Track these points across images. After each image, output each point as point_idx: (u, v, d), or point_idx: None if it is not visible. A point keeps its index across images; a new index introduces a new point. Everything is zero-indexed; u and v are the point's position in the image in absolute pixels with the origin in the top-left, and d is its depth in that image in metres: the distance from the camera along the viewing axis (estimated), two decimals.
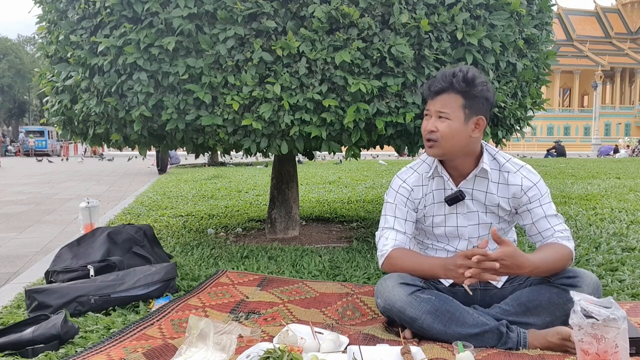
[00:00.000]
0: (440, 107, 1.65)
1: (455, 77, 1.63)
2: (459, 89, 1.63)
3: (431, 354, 1.45)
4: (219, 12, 2.31)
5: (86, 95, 2.66)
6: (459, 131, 1.64)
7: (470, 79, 1.63)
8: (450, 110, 1.64)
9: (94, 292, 1.96)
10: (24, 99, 47.05)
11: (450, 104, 1.64)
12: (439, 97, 1.65)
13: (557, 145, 21.83)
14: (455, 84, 1.63)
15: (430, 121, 1.67)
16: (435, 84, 1.66)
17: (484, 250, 1.45)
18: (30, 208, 5.96)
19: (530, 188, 1.69)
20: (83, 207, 3.27)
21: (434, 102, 1.67)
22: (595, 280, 1.57)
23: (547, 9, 3.09)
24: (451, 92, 1.63)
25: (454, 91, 1.63)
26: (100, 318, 1.87)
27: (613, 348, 1.24)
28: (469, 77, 1.63)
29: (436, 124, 1.65)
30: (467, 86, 1.63)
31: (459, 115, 1.64)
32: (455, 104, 1.64)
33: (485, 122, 1.68)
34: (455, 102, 1.64)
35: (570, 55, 43.05)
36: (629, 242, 3.05)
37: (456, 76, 1.63)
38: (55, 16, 2.80)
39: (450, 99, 1.64)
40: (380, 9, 2.39)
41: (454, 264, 1.53)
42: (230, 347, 1.41)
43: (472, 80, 1.63)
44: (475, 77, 1.64)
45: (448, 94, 1.64)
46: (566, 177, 8.31)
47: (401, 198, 1.79)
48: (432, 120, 1.66)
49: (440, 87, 1.64)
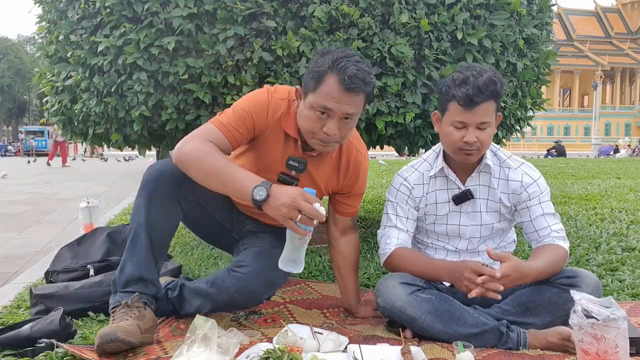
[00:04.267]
0: (480, 118, 1.58)
1: (496, 84, 1.57)
2: (499, 95, 1.60)
3: (431, 354, 1.45)
4: (219, 12, 2.31)
5: (86, 95, 2.66)
6: (492, 134, 1.65)
7: (500, 81, 1.59)
8: (490, 118, 1.60)
9: (100, 298, 1.92)
10: (24, 99, 47.04)
11: (489, 112, 1.59)
12: (479, 108, 1.57)
13: (557, 145, 21.85)
14: (499, 91, 1.58)
15: (469, 132, 1.60)
16: (478, 96, 1.55)
17: (492, 271, 1.45)
18: (30, 208, 5.96)
19: (530, 185, 1.70)
20: (83, 207, 3.27)
21: (472, 113, 1.57)
22: (595, 280, 1.57)
23: (547, 9, 3.09)
24: (491, 99, 1.58)
25: (493, 98, 1.59)
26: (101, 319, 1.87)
27: (613, 348, 1.24)
28: (500, 80, 1.59)
29: (476, 134, 1.59)
30: (502, 91, 1.61)
31: (494, 119, 1.63)
32: (492, 110, 1.60)
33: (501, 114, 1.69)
34: (491, 108, 1.60)
35: (570, 55, 43.03)
36: (629, 242, 3.05)
37: (496, 84, 1.57)
38: (55, 16, 2.80)
39: (488, 107, 1.59)
40: (380, 9, 2.39)
41: (460, 274, 1.52)
42: (233, 350, 1.41)
43: (501, 82, 1.60)
44: (500, 76, 1.61)
45: (488, 103, 1.58)
46: (566, 177, 8.31)
47: (402, 196, 1.79)
48: (470, 131, 1.59)
49: (483, 99, 1.56)
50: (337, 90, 1.50)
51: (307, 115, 1.57)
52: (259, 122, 1.63)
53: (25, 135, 31.38)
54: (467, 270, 1.50)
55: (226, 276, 1.72)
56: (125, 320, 1.52)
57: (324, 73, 1.51)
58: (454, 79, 1.60)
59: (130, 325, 1.50)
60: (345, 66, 1.48)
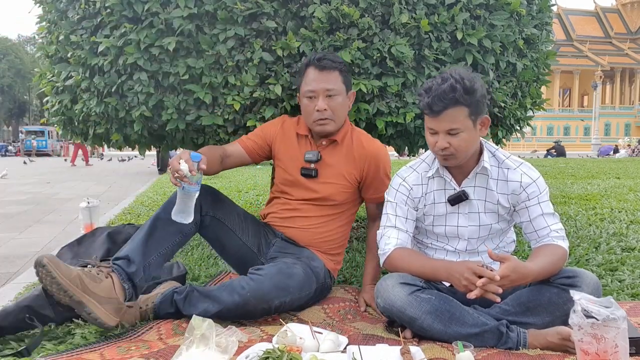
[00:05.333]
0: (448, 125, 1.58)
1: (456, 91, 1.54)
2: (463, 102, 1.56)
3: (431, 354, 1.45)
4: (219, 12, 2.31)
5: (86, 95, 2.66)
6: (471, 139, 1.63)
7: (470, 88, 1.56)
8: (460, 124, 1.58)
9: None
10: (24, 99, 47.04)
11: (457, 119, 1.57)
12: (443, 115, 1.57)
13: (557, 146, 21.84)
14: (459, 99, 1.55)
15: (440, 138, 1.60)
16: (437, 104, 1.55)
17: (492, 274, 1.45)
18: (30, 208, 5.97)
19: (529, 185, 1.70)
20: (83, 207, 3.27)
21: (438, 120, 1.58)
22: (595, 280, 1.57)
23: (547, 9, 3.09)
24: (455, 106, 1.56)
25: (458, 105, 1.57)
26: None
27: (613, 348, 1.24)
28: (468, 86, 1.56)
29: (447, 139, 1.60)
30: (469, 96, 1.57)
31: (468, 124, 1.60)
32: (462, 115, 1.58)
33: (489, 117, 1.68)
34: (461, 114, 1.58)
35: (570, 55, 43.05)
36: (629, 242, 3.05)
37: (456, 90, 1.54)
38: (55, 16, 2.80)
39: (455, 114, 1.57)
40: (380, 9, 2.39)
41: (460, 274, 1.52)
42: (232, 348, 1.41)
43: (471, 88, 1.56)
44: (473, 82, 1.57)
45: (452, 109, 1.57)
46: (566, 177, 8.31)
47: (401, 196, 1.80)
48: (441, 136, 1.60)
49: (442, 107, 1.56)
50: (313, 74, 1.95)
51: (303, 106, 2.00)
52: (270, 130, 2.10)
53: (26, 135, 31.40)
54: (467, 270, 1.50)
55: (241, 279, 1.78)
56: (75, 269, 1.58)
57: (303, 69, 2.01)
58: (423, 87, 1.62)
59: (74, 272, 1.55)
60: (315, 56, 1.98)
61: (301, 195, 2.03)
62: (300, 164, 2.03)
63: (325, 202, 2.03)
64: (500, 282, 1.45)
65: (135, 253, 1.71)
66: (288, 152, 2.06)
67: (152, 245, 1.75)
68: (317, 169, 2.01)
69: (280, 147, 2.08)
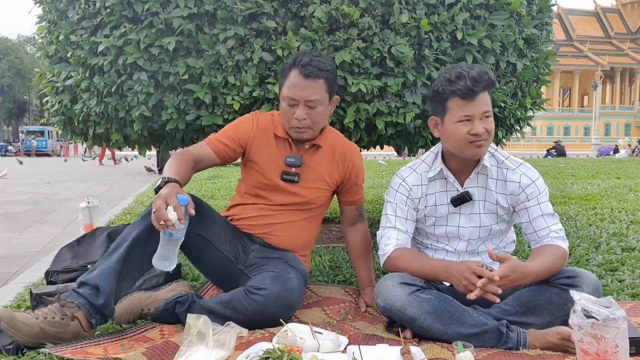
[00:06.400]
0: (484, 107, 1.62)
1: (488, 73, 1.61)
2: (493, 84, 1.64)
3: (431, 354, 1.45)
4: (219, 12, 2.31)
5: (86, 95, 2.66)
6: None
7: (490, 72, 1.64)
8: (490, 107, 1.65)
9: None
10: (24, 99, 47.08)
11: (488, 102, 1.64)
12: (479, 97, 1.61)
13: (557, 145, 21.84)
14: (494, 80, 1.63)
15: (476, 124, 1.61)
16: (476, 85, 1.59)
17: (492, 274, 1.45)
18: (30, 208, 5.96)
19: (528, 185, 1.70)
20: (83, 207, 3.27)
21: (475, 104, 1.60)
22: (595, 280, 1.57)
23: (547, 9, 3.09)
24: (485, 89, 1.62)
25: (487, 88, 1.62)
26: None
27: (613, 348, 1.24)
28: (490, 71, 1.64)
29: (483, 125, 1.62)
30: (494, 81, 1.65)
31: (491, 109, 1.66)
32: (489, 100, 1.65)
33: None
34: (488, 98, 1.65)
35: (570, 55, 43.07)
36: (629, 242, 3.05)
37: (487, 73, 1.61)
38: (55, 16, 2.80)
39: (486, 97, 1.63)
40: (380, 9, 2.39)
41: (460, 274, 1.52)
42: (230, 342, 1.41)
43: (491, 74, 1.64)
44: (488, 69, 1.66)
45: (484, 93, 1.62)
46: (566, 177, 8.31)
47: (401, 197, 1.79)
48: (476, 122, 1.61)
49: (482, 87, 1.60)
50: (297, 79, 1.77)
51: (281, 109, 1.84)
52: (244, 131, 1.89)
53: (26, 135, 31.43)
54: (467, 270, 1.50)
55: (243, 298, 1.67)
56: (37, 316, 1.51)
57: (287, 69, 1.81)
58: (448, 78, 1.63)
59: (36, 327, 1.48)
60: (302, 59, 1.77)
61: (281, 200, 1.91)
62: (280, 168, 1.89)
63: (306, 207, 1.94)
64: (499, 282, 1.45)
65: (105, 281, 1.57)
66: (265, 155, 1.89)
67: (127, 269, 1.62)
68: (299, 174, 1.89)
69: (258, 151, 1.90)
